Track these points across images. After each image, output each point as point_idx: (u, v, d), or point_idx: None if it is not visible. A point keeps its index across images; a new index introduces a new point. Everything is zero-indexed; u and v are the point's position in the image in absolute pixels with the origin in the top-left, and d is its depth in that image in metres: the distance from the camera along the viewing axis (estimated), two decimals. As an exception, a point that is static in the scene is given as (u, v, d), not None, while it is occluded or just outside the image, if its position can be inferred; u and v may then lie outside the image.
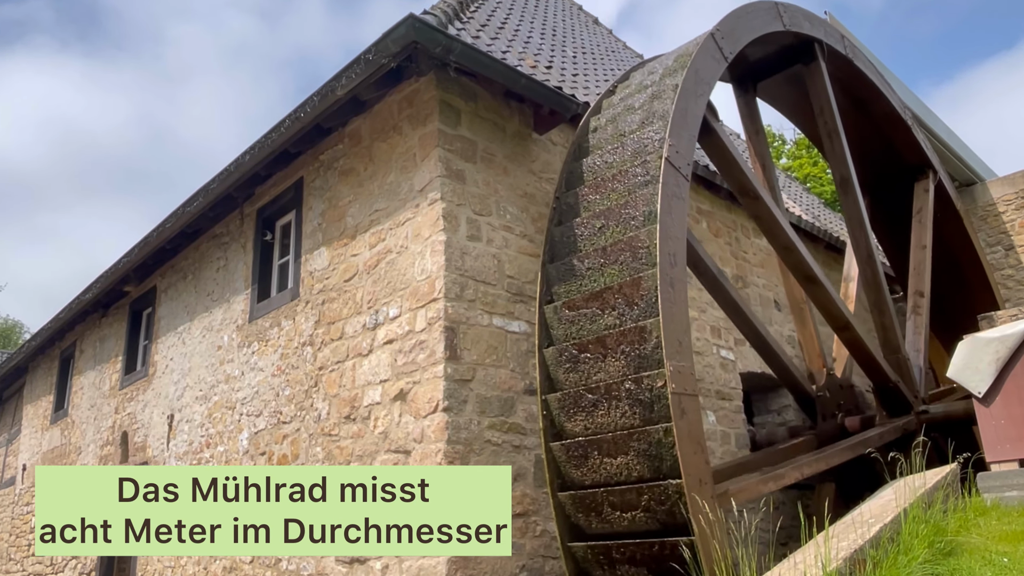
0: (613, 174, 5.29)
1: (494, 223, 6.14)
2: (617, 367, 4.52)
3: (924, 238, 7.83)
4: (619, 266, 4.75)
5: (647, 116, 5.37)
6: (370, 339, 6.23)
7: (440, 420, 5.38)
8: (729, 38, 5.59)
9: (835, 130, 6.45)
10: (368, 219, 6.57)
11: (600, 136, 5.73)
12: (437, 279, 5.68)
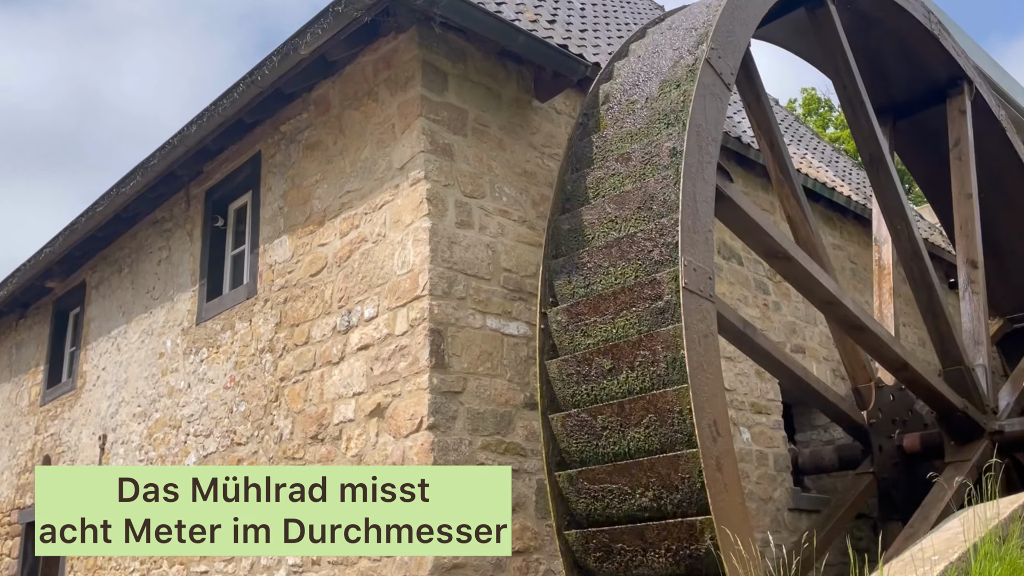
0: (630, 148, 5.30)
1: (488, 207, 6.15)
2: (634, 382, 4.54)
3: (968, 182, 7.64)
4: (634, 264, 4.76)
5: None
6: (341, 344, 6.24)
7: (425, 440, 5.40)
8: None
9: (858, 97, 6.33)
10: (338, 202, 6.57)
11: (612, 106, 5.73)
12: (421, 273, 5.69)
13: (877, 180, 6.66)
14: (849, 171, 12.57)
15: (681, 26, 5.82)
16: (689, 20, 5.78)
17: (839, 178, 11.50)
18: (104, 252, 9.72)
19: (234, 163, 7.88)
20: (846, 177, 11.85)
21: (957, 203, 7.66)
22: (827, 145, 13.81)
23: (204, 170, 8.22)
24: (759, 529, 7.24)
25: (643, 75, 5.67)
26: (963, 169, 7.67)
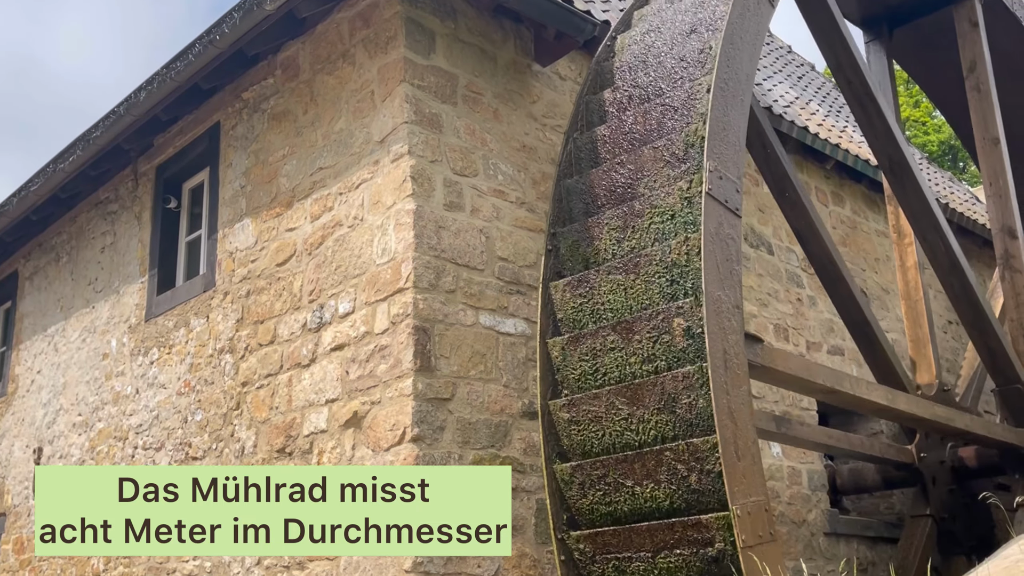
0: (648, 98, 5.29)
1: (481, 186, 6.15)
2: (649, 365, 4.55)
3: (992, 123, 7.29)
4: (652, 226, 4.78)
5: (695, 24, 5.36)
6: (312, 344, 6.25)
7: (408, 453, 5.41)
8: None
9: (868, 95, 6.04)
10: (309, 180, 6.57)
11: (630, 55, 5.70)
12: (404, 262, 5.70)
13: (900, 188, 6.36)
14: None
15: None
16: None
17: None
18: (39, 238, 9.71)
19: (189, 135, 7.87)
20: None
21: (982, 150, 7.36)
22: (870, 117, 13.82)
23: (155, 143, 8.20)
24: (790, 556, 7.26)
25: (669, 18, 5.64)
26: (984, 104, 7.33)
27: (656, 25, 5.73)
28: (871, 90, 5.94)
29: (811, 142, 8.81)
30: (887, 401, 5.88)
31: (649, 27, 5.77)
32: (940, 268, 6.56)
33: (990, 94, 7.15)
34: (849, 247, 9.25)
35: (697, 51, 5.21)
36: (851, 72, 5.88)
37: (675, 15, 5.65)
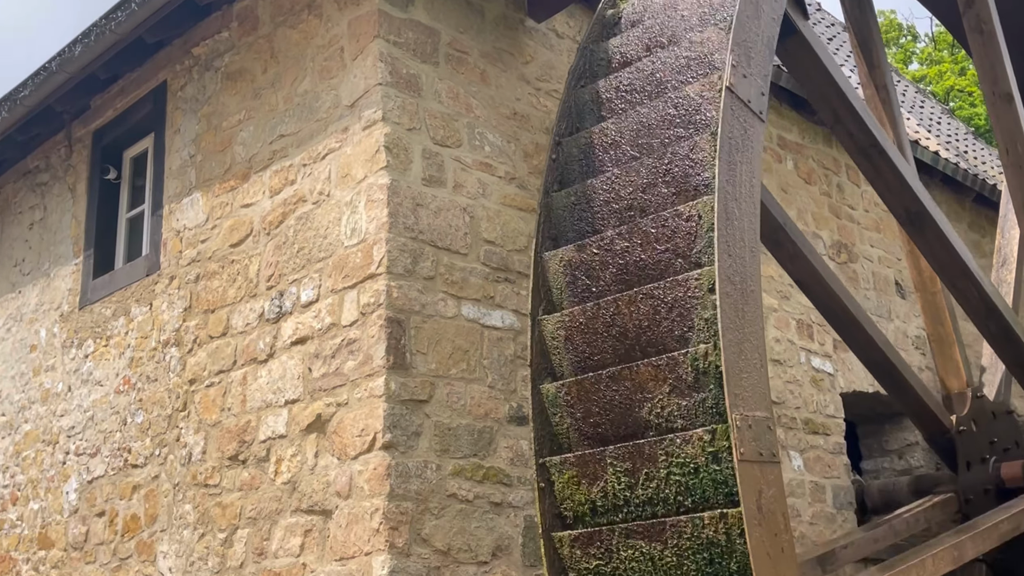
0: (663, 45, 5.30)
1: (466, 158, 6.15)
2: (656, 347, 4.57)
3: (1002, 72, 6.69)
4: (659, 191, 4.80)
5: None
6: (271, 337, 6.24)
7: (379, 463, 5.42)
8: None
9: (872, 143, 5.90)
10: (269, 149, 6.55)
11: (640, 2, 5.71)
12: (376, 244, 5.69)
13: (922, 239, 6.25)
14: (937, 119, 12.63)
15: None
16: None
17: (924, 128, 11.55)
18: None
19: (131, 96, 7.83)
20: (933, 127, 11.90)
21: (992, 106, 7.19)
22: (909, 85, 13.85)
23: (91, 105, 8.17)
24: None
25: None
26: (989, 49, 7.14)
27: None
28: (877, 141, 5.83)
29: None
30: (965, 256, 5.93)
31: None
32: (976, 314, 6.56)
33: (995, 36, 6.87)
34: (883, 232, 9.28)
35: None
36: (853, 124, 5.75)
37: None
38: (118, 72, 7.71)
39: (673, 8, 5.41)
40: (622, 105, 5.31)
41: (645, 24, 5.52)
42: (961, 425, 7.07)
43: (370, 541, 5.35)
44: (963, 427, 7.07)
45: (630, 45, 5.52)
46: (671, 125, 4.95)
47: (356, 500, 5.51)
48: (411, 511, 5.42)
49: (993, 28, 6.80)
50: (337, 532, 5.57)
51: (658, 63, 5.17)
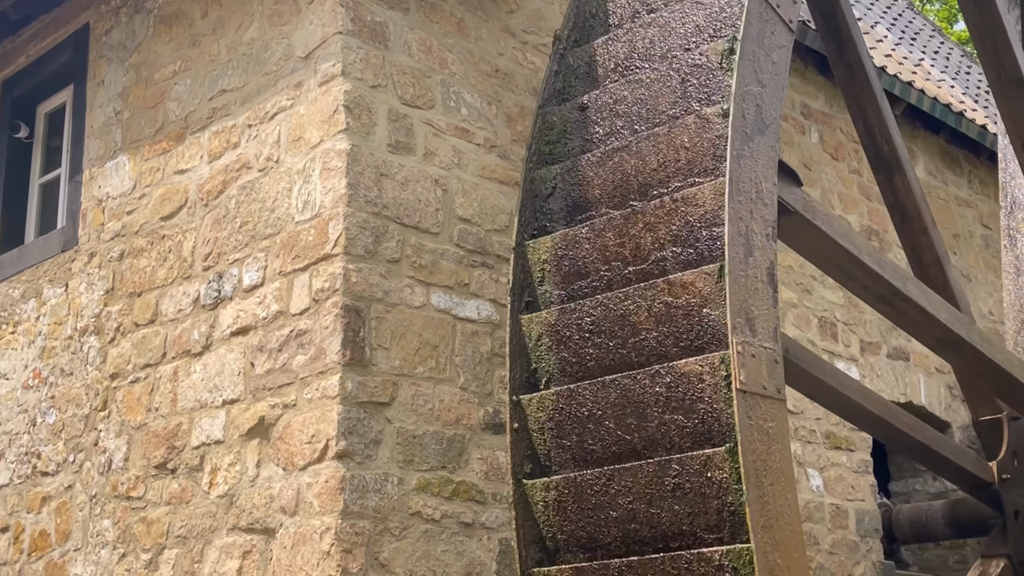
0: None
1: (438, 122, 6.12)
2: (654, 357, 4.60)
3: (1010, 57, 7.27)
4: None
5: None
6: (207, 325, 6.22)
7: (331, 475, 5.41)
8: None
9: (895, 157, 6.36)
10: (208, 106, 6.51)
11: None
12: (332, 220, 5.68)
13: (960, 361, 6.59)
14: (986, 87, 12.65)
15: None
16: None
17: (971, 98, 11.58)
18: None
19: (47, 41, 7.77)
20: (980, 96, 11.93)
21: (999, 95, 7.24)
22: (954, 47, 13.89)
23: (0, 51, 8.09)
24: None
25: None
26: (988, 21, 7.11)
27: None
28: (898, 289, 6.03)
29: (876, 78, 8.85)
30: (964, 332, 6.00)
31: None
32: None
33: (994, 4, 6.85)
34: (922, 217, 9.33)
35: None
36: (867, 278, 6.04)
37: None
38: (32, 12, 7.65)
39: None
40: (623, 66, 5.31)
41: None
42: (1004, 472, 7.13)
43: (319, 566, 5.33)
44: (1006, 474, 7.13)
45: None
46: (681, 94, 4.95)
47: (304, 518, 5.48)
48: (368, 531, 5.40)
49: (995, 2, 6.73)
50: (281, 554, 5.55)
51: (668, 16, 5.17)
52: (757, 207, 4.52)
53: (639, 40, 5.27)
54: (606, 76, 5.33)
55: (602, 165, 5.04)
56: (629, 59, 5.27)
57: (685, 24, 5.12)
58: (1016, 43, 6.83)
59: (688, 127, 4.78)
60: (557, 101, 5.44)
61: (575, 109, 5.31)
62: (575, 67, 5.46)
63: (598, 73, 5.38)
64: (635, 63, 5.25)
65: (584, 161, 5.09)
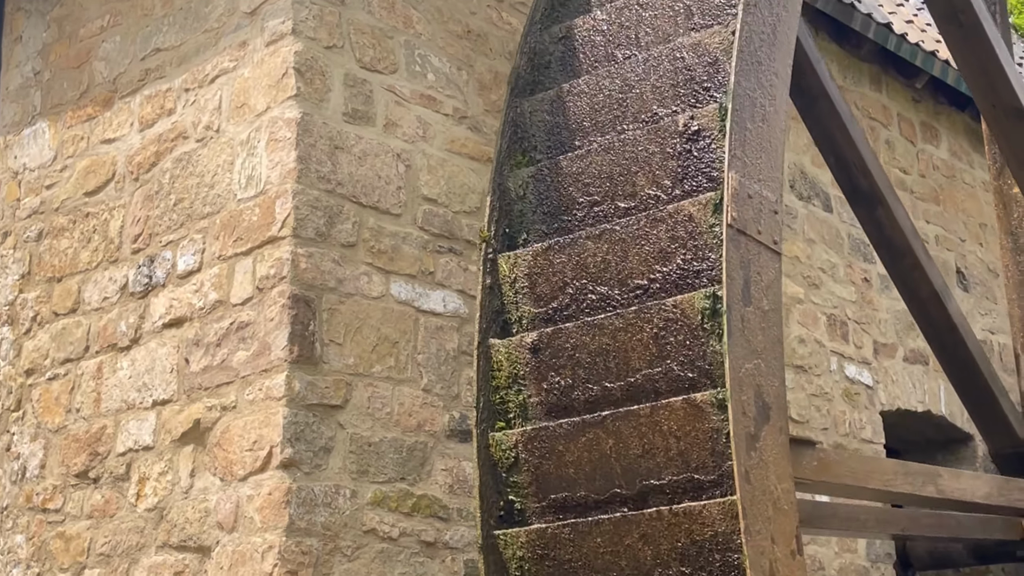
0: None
1: (402, 88, 6.14)
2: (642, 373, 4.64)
3: (1005, 85, 7.36)
4: None
5: None
6: (136, 316, 6.22)
7: (275, 486, 5.42)
8: None
9: None
10: (140, 68, 6.50)
11: None
12: (280, 198, 5.69)
13: None
14: (1019, 60, 12.74)
15: None
16: None
17: None
18: None
19: (-47, -11, 7.71)
20: (1014, 70, 12.00)
21: (995, 123, 7.32)
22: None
23: (-99, 0, 8.03)
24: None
25: None
26: (976, 46, 7.14)
27: None
28: None
29: (895, 47, 8.92)
30: None
31: None
32: None
33: (982, 28, 6.91)
34: (943, 205, 9.39)
35: None
36: None
37: None
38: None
39: None
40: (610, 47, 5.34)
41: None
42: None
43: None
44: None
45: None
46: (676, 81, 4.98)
47: (244, 534, 5.48)
48: (316, 551, 5.40)
49: (977, 19, 6.73)
50: (218, 575, 5.58)
51: None
52: None
53: (616, 78, 5.30)
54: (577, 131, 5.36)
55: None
56: (599, 102, 5.28)
57: None
58: (1010, 69, 6.91)
59: None
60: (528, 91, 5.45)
61: (549, 99, 5.35)
62: (533, 107, 5.45)
63: (563, 123, 5.40)
64: (610, 111, 5.28)
65: None
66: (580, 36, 5.41)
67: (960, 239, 9.40)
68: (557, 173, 5.14)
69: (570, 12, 5.58)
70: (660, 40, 5.07)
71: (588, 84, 5.15)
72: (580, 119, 5.21)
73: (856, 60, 8.93)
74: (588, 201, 5.08)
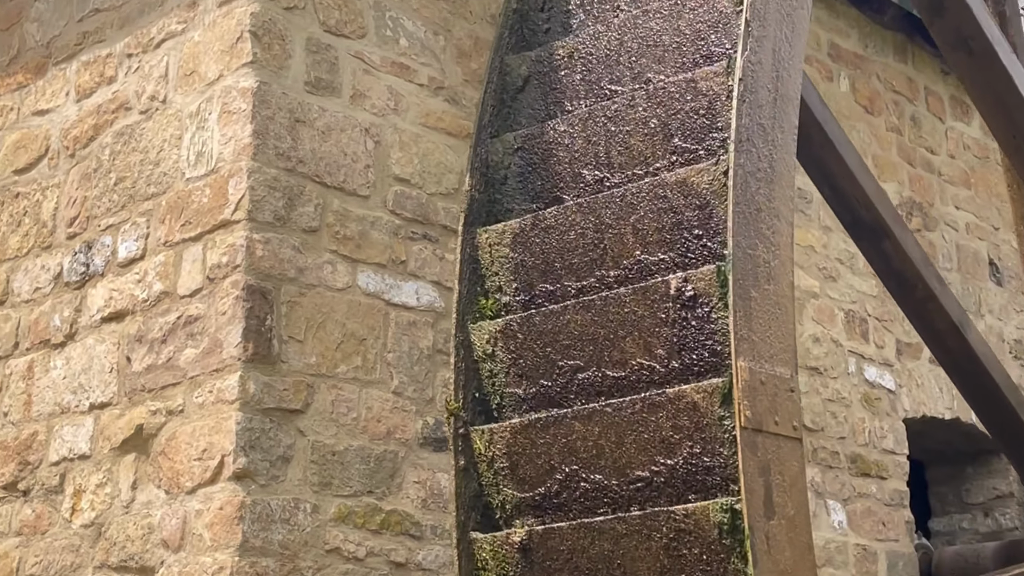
0: None
1: (371, 55, 6.12)
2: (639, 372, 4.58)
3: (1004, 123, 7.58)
4: None
5: None
6: (72, 309, 6.20)
7: (227, 500, 5.39)
8: None
9: None
10: (77, 30, 6.50)
11: None
12: (233, 177, 5.66)
13: None
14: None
15: None
16: None
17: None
18: None
19: None
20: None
21: (1013, 156, 7.50)
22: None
23: None
24: None
25: None
26: (990, 72, 7.33)
27: None
28: None
29: (922, 12, 8.87)
30: None
31: None
32: None
33: (995, 55, 7.05)
34: (974, 189, 9.36)
35: None
36: None
37: None
38: None
39: None
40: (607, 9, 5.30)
41: None
42: None
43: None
44: None
45: None
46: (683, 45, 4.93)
47: (192, 554, 5.45)
48: (273, 572, 5.38)
49: (990, 44, 6.87)
50: (162, 600, 5.54)
51: None
52: None
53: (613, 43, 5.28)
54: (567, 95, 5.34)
55: None
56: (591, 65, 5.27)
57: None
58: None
59: None
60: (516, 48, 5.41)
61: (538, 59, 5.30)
62: (514, 81, 5.43)
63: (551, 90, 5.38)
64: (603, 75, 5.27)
65: None
66: (539, 149, 5.34)
67: (993, 227, 9.37)
68: (530, 329, 5.10)
69: (521, 121, 5.50)
70: (636, 163, 4.95)
71: (558, 218, 4.98)
72: (550, 259, 5.08)
73: (879, 27, 8.92)
74: (570, 366, 4.99)
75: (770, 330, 4.38)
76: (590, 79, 5.24)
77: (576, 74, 5.28)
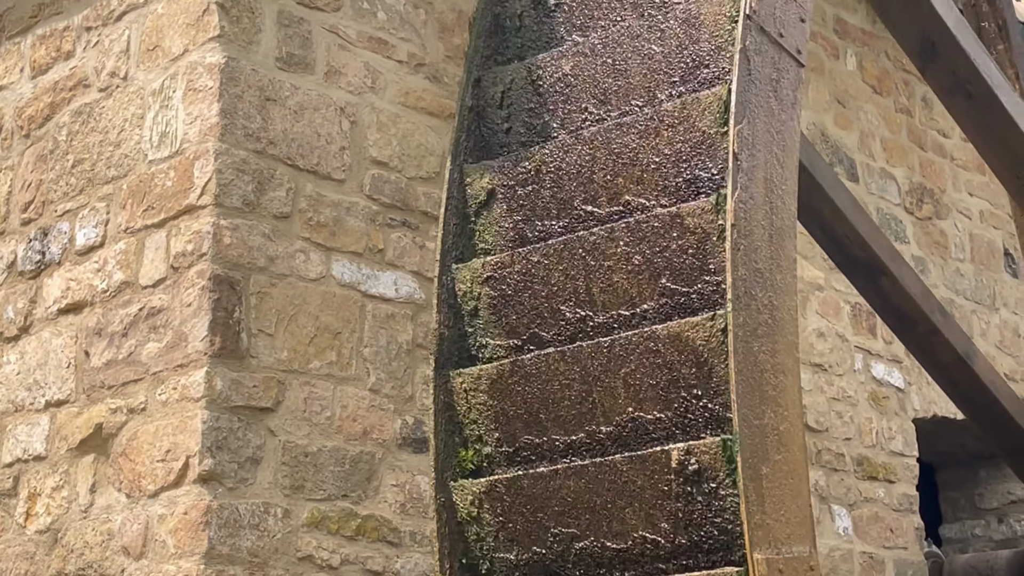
0: None
1: (347, 29, 6.13)
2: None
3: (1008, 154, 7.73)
4: None
5: None
6: (26, 300, 6.23)
7: (192, 504, 5.39)
8: None
9: None
10: (31, 2, 6.51)
11: None
12: (200, 159, 5.66)
13: None
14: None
15: None
16: None
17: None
18: None
19: None
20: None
21: (1019, 198, 7.61)
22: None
23: None
24: None
25: None
26: (991, 115, 7.43)
27: None
28: None
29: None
30: None
31: None
32: None
33: (996, 99, 7.17)
34: (989, 174, 9.37)
35: None
36: None
37: None
38: None
39: None
40: None
41: None
42: None
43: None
44: None
45: None
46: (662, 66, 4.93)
47: (154, 561, 5.46)
48: (241, 581, 5.41)
49: (989, 88, 6.94)
50: (122, 611, 5.55)
51: None
52: None
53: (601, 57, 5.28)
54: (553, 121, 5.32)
55: None
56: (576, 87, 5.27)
57: None
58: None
59: None
60: None
61: None
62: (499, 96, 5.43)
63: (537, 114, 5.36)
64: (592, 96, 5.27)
65: None
66: (512, 280, 5.28)
67: (1009, 214, 9.38)
68: (518, 493, 5.09)
69: (488, 240, 5.47)
70: (621, 303, 4.80)
71: (539, 366, 4.85)
72: (534, 410, 4.97)
73: (887, 3, 8.90)
74: (565, 534, 4.98)
75: (784, 506, 4.33)
76: (561, 196, 5.05)
77: (546, 190, 5.11)
